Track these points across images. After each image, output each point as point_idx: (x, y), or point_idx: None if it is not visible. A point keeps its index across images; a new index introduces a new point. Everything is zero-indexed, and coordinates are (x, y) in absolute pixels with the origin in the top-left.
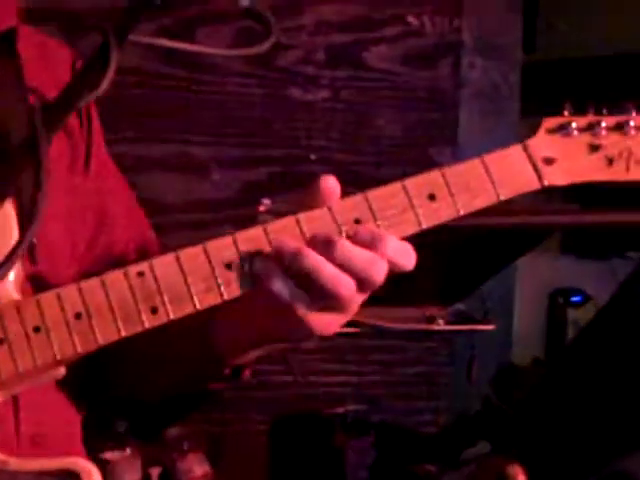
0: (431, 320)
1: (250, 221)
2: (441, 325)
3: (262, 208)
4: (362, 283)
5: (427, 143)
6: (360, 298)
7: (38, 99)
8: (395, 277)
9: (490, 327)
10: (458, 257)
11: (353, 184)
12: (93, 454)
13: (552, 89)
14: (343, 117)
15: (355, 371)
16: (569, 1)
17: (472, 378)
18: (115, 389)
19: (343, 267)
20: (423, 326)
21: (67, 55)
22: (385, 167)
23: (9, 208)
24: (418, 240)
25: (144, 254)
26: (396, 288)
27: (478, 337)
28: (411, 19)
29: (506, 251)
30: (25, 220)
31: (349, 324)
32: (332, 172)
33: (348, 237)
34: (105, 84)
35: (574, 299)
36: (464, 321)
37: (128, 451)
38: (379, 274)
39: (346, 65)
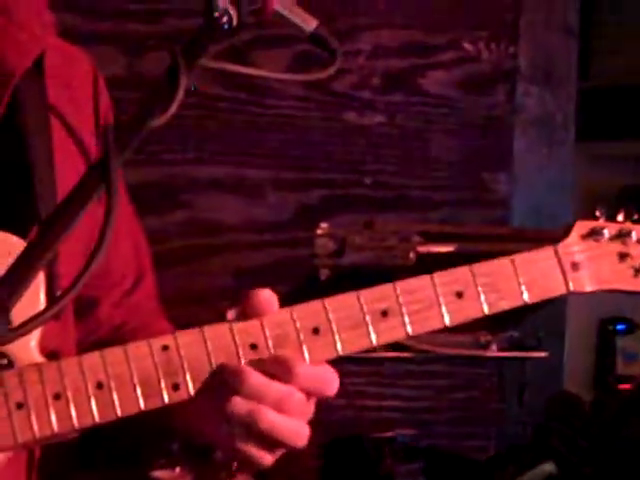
0: (484, 346)
1: (307, 243)
2: (494, 351)
3: (320, 232)
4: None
5: (481, 169)
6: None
7: (56, 117)
8: None
9: (543, 354)
10: None
11: (407, 208)
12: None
13: (607, 115)
14: (398, 142)
15: (405, 396)
16: (624, 28)
17: (523, 404)
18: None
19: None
20: (476, 352)
21: (88, 67)
22: (439, 192)
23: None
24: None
25: (138, 284)
26: None
27: (529, 363)
28: (467, 45)
29: None
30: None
31: (401, 348)
32: (386, 196)
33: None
34: (174, 107)
35: (621, 327)
36: (516, 348)
37: (177, 470)
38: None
39: (402, 90)
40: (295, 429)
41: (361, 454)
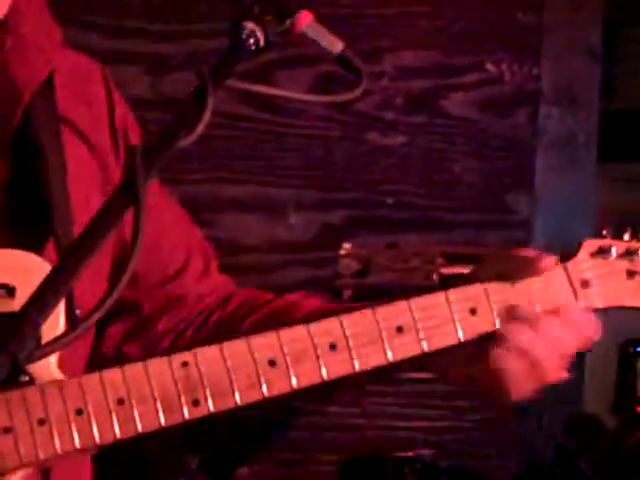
0: None
1: (330, 263)
2: None
3: (343, 252)
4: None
5: (503, 191)
6: None
7: (69, 130)
8: None
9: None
10: None
11: (429, 229)
12: None
13: (629, 137)
14: (420, 162)
15: (425, 416)
16: None
17: (543, 426)
18: None
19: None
20: None
21: (98, 73)
22: (461, 213)
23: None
24: None
25: (207, 266)
26: None
27: (549, 385)
28: (490, 67)
29: None
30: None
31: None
32: (409, 217)
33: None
34: (201, 126)
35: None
36: None
37: None
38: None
39: (424, 111)
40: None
41: (381, 474)
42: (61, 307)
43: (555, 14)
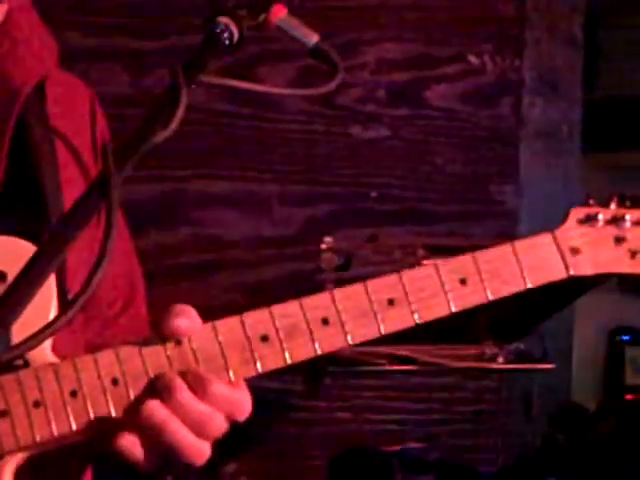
0: (491, 359)
1: (314, 257)
2: (501, 364)
3: (324, 246)
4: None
5: (488, 181)
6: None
7: (60, 140)
8: (455, 317)
9: (550, 366)
10: (518, 296)
11: (413, 222)
12: None
13: (613, 126)
14: (403, 155)
15: (414, 409)
16: (629, 39)
17: (531, 416)
18: None
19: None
20: (483, 364)
21: (87, 96)
22: (445, 205)
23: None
24: None
25: (127, 308)
26: (455, 327)
27: (537, 375)
28: (472, 58)
29: (566, 290)
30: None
31: (407, 362)
32: (392, 210)
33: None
34: (175, 123)
35: (628, 338)
36: (523, 360)
37: None
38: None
39: (407, 103)
40: (199, 450)
41: (369, 468)
42: (53, 307)
43: (536, 4)
